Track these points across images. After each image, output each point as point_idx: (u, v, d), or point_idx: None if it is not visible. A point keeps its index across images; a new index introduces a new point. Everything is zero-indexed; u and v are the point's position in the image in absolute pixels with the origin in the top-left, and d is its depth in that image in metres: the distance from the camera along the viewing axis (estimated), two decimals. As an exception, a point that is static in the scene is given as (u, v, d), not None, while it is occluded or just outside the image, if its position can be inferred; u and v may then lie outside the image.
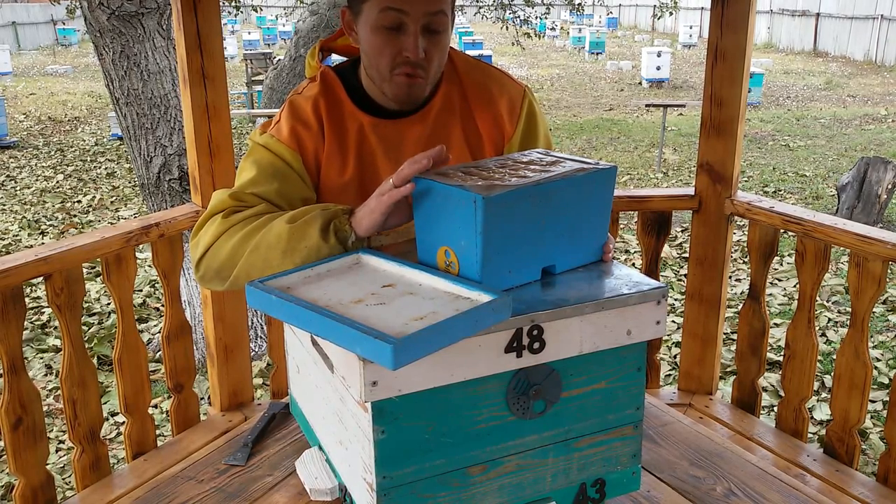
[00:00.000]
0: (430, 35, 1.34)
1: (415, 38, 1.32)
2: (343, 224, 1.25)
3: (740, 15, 2.19)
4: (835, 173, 8.07)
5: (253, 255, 1.28)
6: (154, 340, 4.20)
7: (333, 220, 1.25)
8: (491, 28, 21.87)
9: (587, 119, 11.86)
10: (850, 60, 19.21)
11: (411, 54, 1.33)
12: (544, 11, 9.48)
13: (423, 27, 1.32)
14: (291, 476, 1.39)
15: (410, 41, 1.32)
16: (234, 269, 1.32)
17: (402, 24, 1.32)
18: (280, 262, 1.25)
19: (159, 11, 3.43)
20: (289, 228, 1.25)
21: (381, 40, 1.33)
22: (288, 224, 1.26)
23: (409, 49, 1.32)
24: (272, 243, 1.26)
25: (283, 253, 1.25)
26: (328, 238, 1.23)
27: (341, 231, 1.25)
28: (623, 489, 1.27)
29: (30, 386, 1.87)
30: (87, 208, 7.26)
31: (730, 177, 2.30)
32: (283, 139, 1.42)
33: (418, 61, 1.34)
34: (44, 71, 18.61)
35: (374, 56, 1.36)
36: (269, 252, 1.26)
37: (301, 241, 1.24)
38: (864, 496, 1.98)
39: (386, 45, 1.33)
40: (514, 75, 1.58)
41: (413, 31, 1.32)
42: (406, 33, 1.32)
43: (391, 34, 1.33)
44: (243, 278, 1.31)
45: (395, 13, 1.31)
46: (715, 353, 2.45)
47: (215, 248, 1.33)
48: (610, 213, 1.26)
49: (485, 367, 1.08)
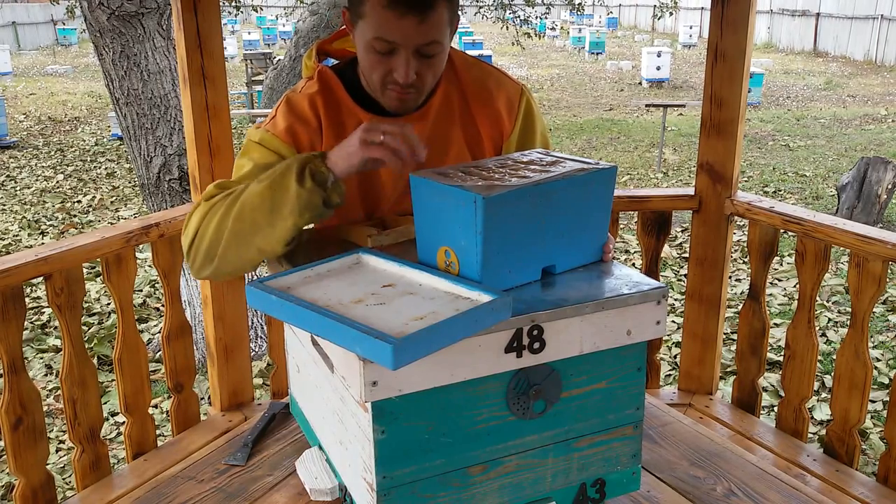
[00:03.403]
0: (422, 58, 1.33)
1: (406, 62, 1.31)
2: (319, 166, 1.25)
3: (740, 15, 2.19)
4: (835, 173, 8.07)
5: (238, 222, 1.28)
6: (154, 340, 4.20)
7: (308, 164, 1.25)
8: (491, 28, 21.87)
9: (587, 119, 11.86)
10: (850, 60, 19.21)
11: (401, 79, 1.32)
12: (544, 11, 9.48)
13: (415, 52, 1.32)
14: (291, 476, 1.39)
15: (402, 66, 1.31)
16: (221, 243, 1.30)
17: (394, 49, 1.31)
18: (268, 220, 1.25)
19: (159, 11, 3.43)
20: (267, 184, 1.26)
21: (374, 60, 1.34)
22: (265, 181, 1.26)
23: (400, 74, 1.32)
24: (255, 204, 1.26)
25: (270, 211, 1.25)
26: (304, 181, 1.23)
27: (318, 173, 1.24)
28: (623, 489, 1.27)
29: (30, 386, 1.87)
30: (87, 208, 7.25)
31: (730, 177, 2.30)
32: (279, 134, 1.41)
33: (409, 83, 1.34)
34: (44, 71, 18.61)
35: (367, 70, 1.37)
36: (254, 214, 1.26)
37: (281, 192, 1.24)
38: (864, 496, 1.98)
39: (378, 64, 1.33)
40: (513, 75, 1.58)
41: (405, 56, 1.31)
42: (398, 56, 1.32)
43: (383, 56, 1.32)
44: (233, 250, 1.30)
45: (386, 43, 1.30)
46: (715, 353, 2.45)
47: (201, 231, 1.33)
48: (610, 213, 1.26)
49: (485, 367, 1.08)
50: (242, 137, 10.58)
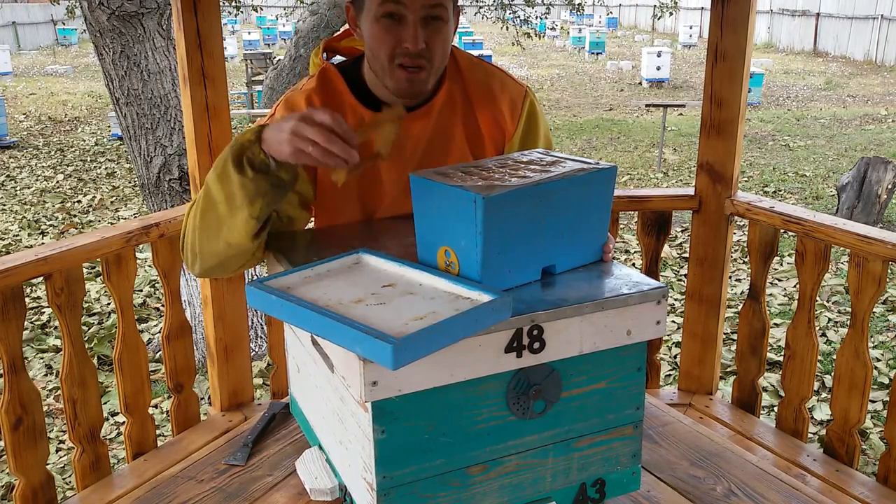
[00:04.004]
0: (430, 25, 1.34)
1: (414, 28, 1.33)
2: (257, 153, 1.23)
3: (740, 15, 2.19)
4: (835, 173, 8.07)
5: (205, 219, 1.30)
6: (154, 340, 4.20)
7: (244, 151, 1.24)
8: (491, 28, 21.87)
9: (587, 119, 11.86)
10: (850, 60, 19.20)
11: (411, 45, 1.33)
12: (544, 11, 9.48)
13: (422, 18, 1.33)
14: (291, 476, 1.39)
15: (410, 32, 1.33)
16: (198, 240, 1.33)
17: (402, 15, 1.33)
18: (227, 212, 1.25)
19: (159, 11, 3.43)
20: (215, 176, 1.26)
21: (382, 30, 1.34)
22: (213, 173, 1.27)
23: (409, 40, 1.33)
24: (212, 198, 1.27)
25: (226, 203, 1.25)
26: (244, 170, 1.22)
27: (257, 159, 1.23)
28: (623, 489, 1.27)
29: (30, 386, 1.87)
30: (87, 208, 7.25)
31: (730, 177, 2.30)
32: None
33: (419, 52, 1.34)
34: (44, 71, 18.61)
35: (376, 47, 1.37)
36: (215, 208, 1.27)
37: (228, 184, 1.24)
38: (864, 496, 1.98)
39: (386, 34, 1.34)
40: (514, 75, 1.58)
41: (412, 22, 1.33)
42: (406, 24, 1.33)
43: (391, 25, 1.33)
44: (206, 246, 1.32)
45: (394, 4, 1.32)
46: (715, 353, 2.45)
47: (188, 229, 1.36)
48: (610, 214, 1.26)
49: (485, 367, 1.08)
50: (242, 137, 10.57)
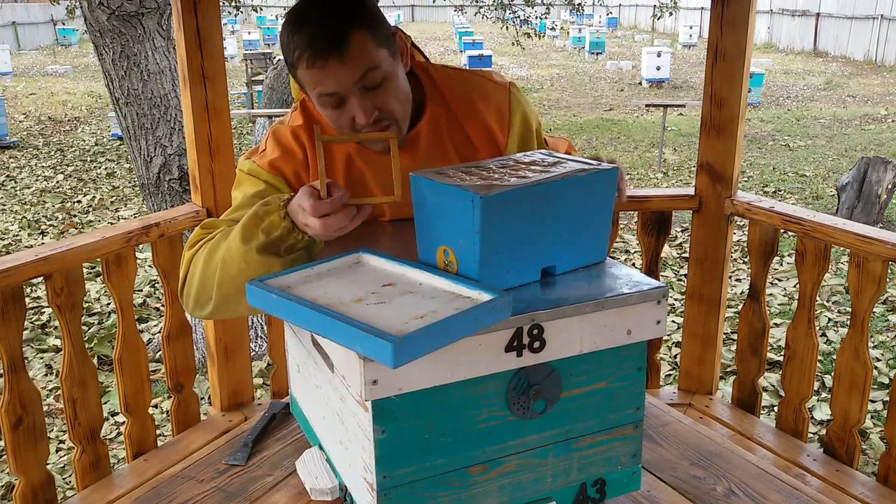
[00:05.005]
0: (372, 91, 1.31)
1: (359, 104, 1.30)
2: (301, 239, 1.24)
3: (740, 15, 2.19)
4: (835, 173, 8.07)
5: (221, 288, 1.32)
6: (154, 340, 4.20)
7: (282, 244, 1.24)
8: (491, 28, 21.84)
9: (587, 119, 11.86)
10: (850, 60, 19.20)
11: (361, 120, 1.31)
12: (544, 11, 9.48)
13: (360, 90, 1.29)
14: (291, 476, 1.39)
15: (356, 110, 1.30)
16: (212, 297, 1.35)
17: (340, 96, 1.30)
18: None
19: (159, 11, 3.43)
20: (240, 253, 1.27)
21: (330, 114, 1.34)
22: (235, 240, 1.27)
23: (358, 116, 1.31)
24: (233, 272, 1.28)
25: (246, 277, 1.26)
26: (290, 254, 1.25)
27: (301, 244, 1.24)
28: (623, 489, 1.27)
29: (30, 386, 1.87)
30: (87, 208, 7.25)
31: (730, 177, 2.30)
32: (264, 166, 1.44)
33: (375, 118, 1.33)
34: (44, 71, 18.60)
35: (332, 125, 1.37)
36: (233, 282, 1.29)
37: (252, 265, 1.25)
38: (864, 496, 1.98)
39: (336, 116, 1.33)
40: (494, 74, 1.55)
41: (354, 101, 1.30)
42: (349, 102, 1.31)
43: (337, 109, 1.32)
44: (228, 310, 1.37)
45: (329, 97, 1.30)
46: (715, 353, 2.45)
47: (188, 281, 1.38)
48: (612, 215, 1.25)
49: (485, 367, 1.08)
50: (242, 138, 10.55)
